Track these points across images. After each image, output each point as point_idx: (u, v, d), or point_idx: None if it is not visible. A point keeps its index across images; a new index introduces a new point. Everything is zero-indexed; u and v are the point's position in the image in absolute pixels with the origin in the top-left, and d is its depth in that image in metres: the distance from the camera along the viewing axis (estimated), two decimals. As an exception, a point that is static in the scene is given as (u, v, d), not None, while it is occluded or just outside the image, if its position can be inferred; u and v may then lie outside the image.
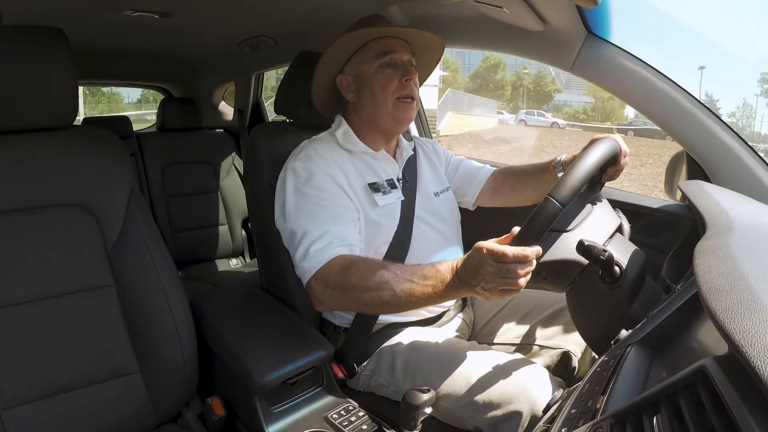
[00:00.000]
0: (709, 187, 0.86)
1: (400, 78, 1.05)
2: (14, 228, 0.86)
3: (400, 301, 0.87)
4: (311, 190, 1.00)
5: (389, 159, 1.14)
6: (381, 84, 1.05)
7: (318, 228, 0.97)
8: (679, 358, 0.53)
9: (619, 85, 1.08)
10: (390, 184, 1.10)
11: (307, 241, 0.96)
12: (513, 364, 0.91)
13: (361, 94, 1.08)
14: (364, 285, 0.89)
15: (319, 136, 1.12)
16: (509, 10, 1.07)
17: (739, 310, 0.38)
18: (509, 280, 0.76)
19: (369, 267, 0.90)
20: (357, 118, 1.12)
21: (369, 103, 1.07)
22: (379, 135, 1.12)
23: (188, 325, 0.97)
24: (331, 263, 0.93)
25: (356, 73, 1.08)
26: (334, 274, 0.92)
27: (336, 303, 0.96)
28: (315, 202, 0.99)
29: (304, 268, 0.96)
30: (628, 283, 0.80)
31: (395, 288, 0.87)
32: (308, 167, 1.03)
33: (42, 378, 0.84)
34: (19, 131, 0.90)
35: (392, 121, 1.08)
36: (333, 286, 0.92)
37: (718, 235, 0.58)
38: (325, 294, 0.93)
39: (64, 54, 0.88)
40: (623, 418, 0.42)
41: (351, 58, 1.08)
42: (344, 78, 1.10)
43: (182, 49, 2.14)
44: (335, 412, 0.93)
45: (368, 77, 1.06)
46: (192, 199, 2.34)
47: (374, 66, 1.05)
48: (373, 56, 1.05)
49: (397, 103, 1.06)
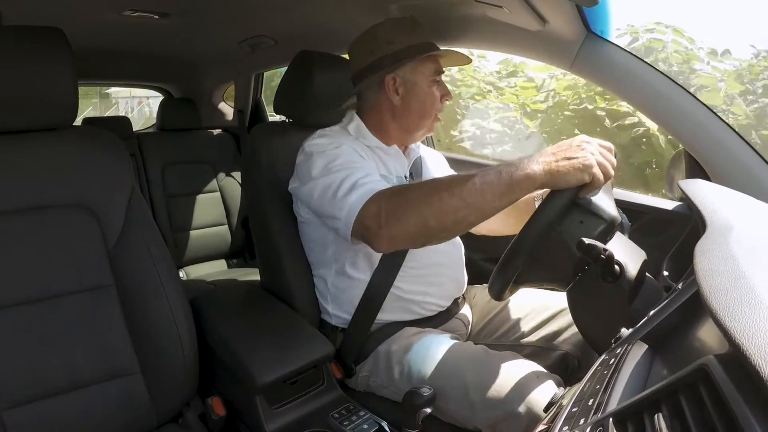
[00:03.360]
0: (709, 185, 0.86)
1: (441, 97, 1.11)
2: (14, 228, 0.86)
3: (465, 196, 0.80)
4: (342, 153, 1.01)
5: (400, 155, 1.15)
6: (431, 101, 1.10)
7: (359, 172, 0.95)
8: (680, 356, 0.53)
9: (618, 84, 1.08)
10: (398, 180, 1.11)
11: (350, 180, 0.93)
12: (512, 364, 0.91)
13: (409, 101, 1.10)
14: (419, 193, 0.85)
15: (330, 128, 1.14)
16: (509, 10, 1.07)
17: (739, 309, 0.38)
18: (607, 161, 0.80)
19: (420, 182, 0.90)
20: (389, 119, 1.12)
21: (415, 113, 1.10)
22: (403, 137, 1.14)
23: (188, 325, 0.97)
24: (378, 194, 0.89)
25: (411, 80, 1.09)
26: (386, 198, 0.87)
27: (394, 228, 0.85)
28: (349, 157, 1.00)
29: (352, 204, 0.90)
30: (629, 282, 0.80)
31: (453, 184, 0.82)
32: (332, 141, 1.05)
33: (42, 378, 0.84)
34: (19, 131, 0.90)
35: (425, 132, 1.15)
36: (386, 209, 0.86)
37: (719, 233, 0.57)
38: (381, 223, 0.86)
39: (64, 54, 0.88)
40: (624, 416, 0.42)
41: (407, 65, 1.07)
42: (393, 79, 1.09)
43: (182, 49, 2.14)
44: (336, 412, 0.93)
45: (422, 89, 1.09)
46: (192, 200, 2.33)
47: (428, 80, 1.09)
48: (432, 72, 1.09)
49: (434, 120, 1.12)
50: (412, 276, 1.07)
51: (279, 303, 1.13)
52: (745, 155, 1.00)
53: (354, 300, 1.07)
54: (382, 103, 1.12)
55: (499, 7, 1.07)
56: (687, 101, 1.02)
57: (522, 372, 0.89)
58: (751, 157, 0.99)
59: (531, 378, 0.87)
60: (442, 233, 0.86)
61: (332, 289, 1.10)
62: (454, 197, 0.81)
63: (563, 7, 0.98)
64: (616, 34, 1.19)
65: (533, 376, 0.88)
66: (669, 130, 1.06)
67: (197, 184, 2.35)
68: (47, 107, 0.90)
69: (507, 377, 0.88)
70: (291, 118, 1.30)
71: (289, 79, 1.27)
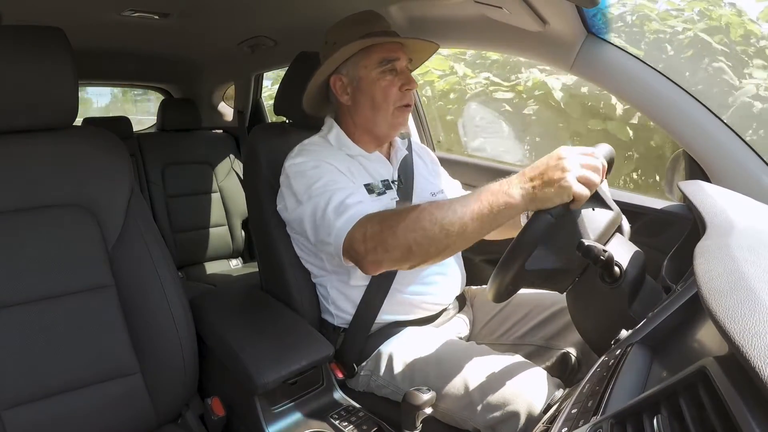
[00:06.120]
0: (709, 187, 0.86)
1: (400, 86, 1.05)
2: (14, 228, 0.86)
3: (447, 225, 0.81)
4: (322, 172, 1.00)
5: (383, 160, 1.14)
6: (383, 92, 1.04)
7: (342, 192, 0.95)
8: (680, 358, 0.53)
9: (618, 85, 1.08)
10: (385, 185, 1.10)
11: (335, 203, 0.94)
12: (512, 365, 0.91)
13: (358, 98, 1.07)
14: (404, 222, 0.84)
15: (311, 139, 1.12)
16: (509, 11, 1.07)
17: (739, 310, 0.38)
18: (591, 173, 0.75)
19: (405, 208, 0.86)
20: (350, 121, 1.11)
21: (367, 108, 1.07)
22: (371, 138, 1.12)
23: (188, 325, 0.97)
24: (364, 219, 0.90)
25: (355, 76, 1.06)
26: (372, 224, 0.88)
27: (379, 254, 0.87)
28: (330, 177, 0.99)
29: (340, 228, 0.91)
30: (628, 283, 0.80)
31: (435, 213, 0.81)
32: (311, 159, 1.03)
33: (42, 378, 0.84)
34: (19, 131, 0.90)
35: (389, 127, 1.09)
36: (371, 236, 0.87)
37: (718, 235, 0.57)
38: (367, 249, 0.87)
39: (64, 54, 0.88)
40: (623, 418, 0.42)
41: (349, 59, 1.06)
42: (339, 79, 1.08)
43: (182, 50, 2.14)
44: (335, 413, 0.93)
45: (368, 83, 1.05)
46: (192, 200, 2.33)
47: (375, 72, 1.04)
48: (376, 62, 1.04)
49: (396, 112, 1.07)
50: (411, 275, 1.07)
51: (279, 303, 1.13)
52: (745, 156, 0.99)
53: (355, 300, 1.07)
54: (341, 106, 1.11)
55: (499, 7, 1.07)
56: (687, 102, 1.02)
57: (521, 373, 0.89)
58: (750, 158, 0.99)
59: (531, 379, 0.87)
60: (428, 260, 0.88)
61: (333, 291, 1.10)
62: (437, 226, 0.81)
63: (563, 8, 0.98)
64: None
65: (532, 378, 0.88)
66: (669, 130, 1.06)
67: (197, 184, 2.36)
68: (47, 107, 0.90)
69: (507, 378, 0.88)
70: (291, 119, 1.30)
71: (289, 79, 1.27)
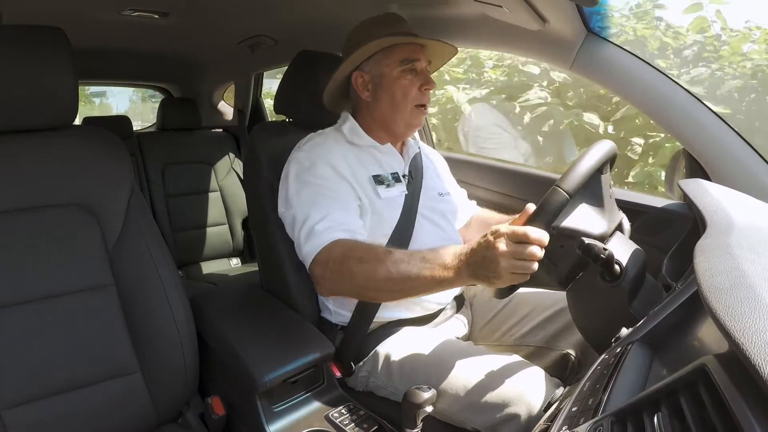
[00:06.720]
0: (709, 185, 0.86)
1: (419, 86, 1.08)
2: (14, 228, 0.85)
3: (395, 285, 0.87)
4: (313, 178, 1.03)
5: (395, 153, 1.16)
6: (402, 90, 1.08)
7: (318, 212, 0.99)
8: (680, 356, 0.53)
9: (618, 84, 1.08)
10: (395, 177, 1.12)
11: (308, 225, 0.98)
12: (511, 365, 0.91)
13: (378, 94, 1.10)
14: (360, 267, 0.90)
15: (325, 130, 1.15)
16: (509, 9, 1.07)
17: (739, 308, 0.38)
18: (526, 263, 0.75)
19: (366, 249, 0.92)
20: (368, 117, 1.14)
21: (386, 106, 1.10)
22: (386, 134, 1.15)
23: (188, 324, 0.97)
24: (330, 246, 0.95)
25: (377, 73, 1.09)
26: (333, 257, 0.94)
27: (334, 286, 0.97)
28: (316, 190, 1.01)
29: (306, 252, 0.98)
30: (628, 282, 0.80)
31: (391, 269, 0.87)
32: (311, 157, 1.05)
33: (42, 378, 0.84)
34: (19, 131, 0.90)
35: (406, 126, 1.12)
36: (332, 269, 0.94)
37: (719, 233, 0.57)
38: (325, 277, 0.96)
39: (64, 54, 0.88)
40: (624, 416, 0.42)
41: (372, 57, 1.09)
42: (361, 75, 1.11)
43: (182, 49, 2.14)
44: (336, 411, 0.93)
45: (389, 81, 1.08)
46: (192, 199, 2.34)
47: (396, 70, 1.08)
48: (398, 61, 1.07)
49: (414, 111, 1.10)
50: None
51: (279, 302, 1.13)
52: (745, 155, 0.99)
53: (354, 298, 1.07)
54: (360, 102, 1.14)
55: (499, 6, 1.07)
56: (687, 101, 1.02)
57: (521, 374, 0.89)
58: (751, 157, 0.99)
59: (530, 378, 0.87)
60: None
61: None
62: (390, 282, 0.88)
63: (563, 7, 0.98)
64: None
65: (532, 379, 0.88)
66: (669, 129, 1.06)
67: (197, 184, 2.36)
68: (47, 107, 0.90)
69: (507, 377, 0.88)
70: (291, 118, 1.30)
71: (288, 78, 1.27)
